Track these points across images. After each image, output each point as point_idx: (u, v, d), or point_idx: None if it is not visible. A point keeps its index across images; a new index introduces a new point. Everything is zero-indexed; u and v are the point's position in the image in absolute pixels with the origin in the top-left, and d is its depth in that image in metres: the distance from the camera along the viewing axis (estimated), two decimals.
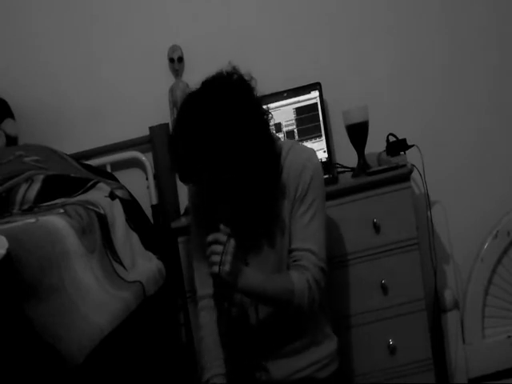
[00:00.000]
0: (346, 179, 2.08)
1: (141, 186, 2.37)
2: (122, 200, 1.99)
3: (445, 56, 2.35)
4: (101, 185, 2.00)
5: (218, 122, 1.33)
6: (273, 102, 2.23)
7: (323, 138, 2.23)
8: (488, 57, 2.35)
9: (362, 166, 2.04)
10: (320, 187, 1.53)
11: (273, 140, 1.49)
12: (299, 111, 2.25)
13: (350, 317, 1.97)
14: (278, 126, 2.24)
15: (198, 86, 1.42)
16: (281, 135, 2.23)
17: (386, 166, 2.01)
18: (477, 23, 2.34)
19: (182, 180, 1.47)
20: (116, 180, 2.26)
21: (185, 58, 2.38)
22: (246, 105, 1.38)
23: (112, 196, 1.95)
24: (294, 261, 1.50)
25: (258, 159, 1.39)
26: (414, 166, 2.06)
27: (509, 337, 2.26)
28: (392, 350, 1.96)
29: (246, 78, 1.43)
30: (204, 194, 1.52)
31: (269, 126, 1.46)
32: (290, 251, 1.52)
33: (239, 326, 1.57)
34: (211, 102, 1.36)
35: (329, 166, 2.18)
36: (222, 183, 1.39)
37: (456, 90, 2.36)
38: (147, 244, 2.04)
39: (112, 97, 2.44)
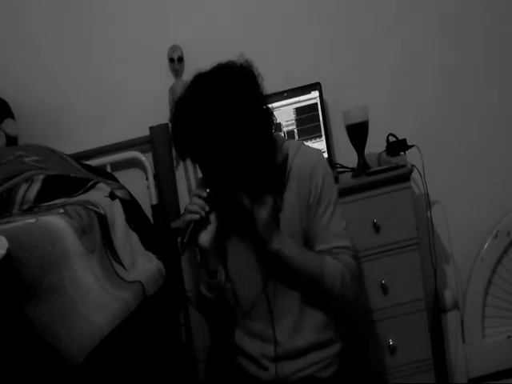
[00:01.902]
0: (346, 179, 2.08)
1: (141, 186, 2.37)
2: (121, 200, 1.99)
3: (445, 56, 2.35)
4: (101, 185, 2.00)
5: (223, 102, 1.33)
6: (273, 102, 2.21)
7: (323, 138, 2.24)
8: (488, 57, 2.35)
9: (362, 166, 2.04)
10: (332, 186, 1.55)
11: (275, 143, 1.49)
12: (299, 111, 2.25)
13: (350, 317, 1.97)
14: (278, 126, 2.24)
15: (209, 68, 1.42)
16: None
17: (386, 166, 2.01)
18: (477, 23, 2.35)
19: (179, 153, 1.48)
20: (116, 180, 2.26)
21: (185, 58, 2.38)
22: (254, 97, 1.39)
23: (112, 196, 1.95)
24: None
25: (258, 147, 1.39)
26: (414, 166, 2.06)
27: (509, 337, 2.26)
28: (392, 350, 1.96)
29: (256, 73, 1.44)
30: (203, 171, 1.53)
31: (272, 125, 1.46)
32: (318, 252, 1.52)
33: (249, 321, 1.58)
34: (222, 86, 1.36)
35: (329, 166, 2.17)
36: (217, 163, 1.38)
37: (456, 90, 2.36)
38: (147, 244, 2.03)
39: (112, 97, 2.44)
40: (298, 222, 1.52)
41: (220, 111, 1.33)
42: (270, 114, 1.45)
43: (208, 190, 1.44)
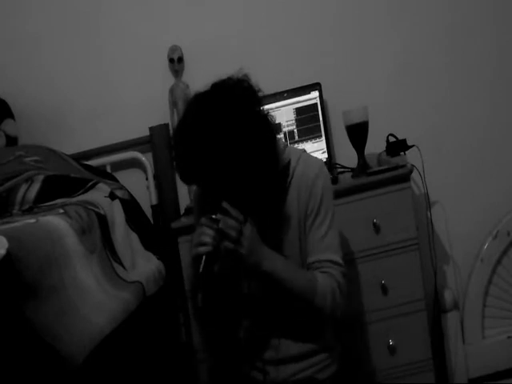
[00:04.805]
0: (345, 179, 2.08)
1: (141, 186, 2.37)
2: (121, 200, 2.00)
3: (445, 56, 2.35)
4: (101, 185, 2.00)
5: (223, 127, 1.32)
6: (273, 102, 2.23)
7: (323, 138, 2.23)
8: (488, 57, 2.34)
9: (362, 167, 2.04)
10: (331, 198, 1.53)
11: (277, 154, 1.45)
12: (299, 111, 2.25)
13: (350, 317, 1.97)
14: (279, 127, 2.23)
15: (206, 88, 1.40)
16: (281, 135, 2.23)
17: (385, 167, 2.01)
18: (477, 23, 2.34)
19: (183, 180, 1.47)
20: (116, 180, 2.26)
21: (185, 58, 2.38)
22: (253, 114, 1.37)
23: (112, 196, 1.95)
24: (316, 269, 1.49)
25: (260, 170, 1.37)
26: (413, 166, 2.06)
27: (509, 337, 2.26)
28: (392, 350, 1.96)
29: (255, 88, 1.41)
30: (205, 195, 1.52)
31: (275, 139, 1.44)
32: (309, 264, 1.50)
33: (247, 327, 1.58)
34: (218, 106, 1.34)
35: (329, 166, 2.17)
36: (221, 189, 1.38)
37: (456, 90, 2.36)
38: (147, 244, 2.04)
39: (112, 97, 2.44)
40: (298, 232, 1.51)
41: (221, 130, 1.31)
42: (271, 128, 1.42)
43: (215, 216, 1.39)
